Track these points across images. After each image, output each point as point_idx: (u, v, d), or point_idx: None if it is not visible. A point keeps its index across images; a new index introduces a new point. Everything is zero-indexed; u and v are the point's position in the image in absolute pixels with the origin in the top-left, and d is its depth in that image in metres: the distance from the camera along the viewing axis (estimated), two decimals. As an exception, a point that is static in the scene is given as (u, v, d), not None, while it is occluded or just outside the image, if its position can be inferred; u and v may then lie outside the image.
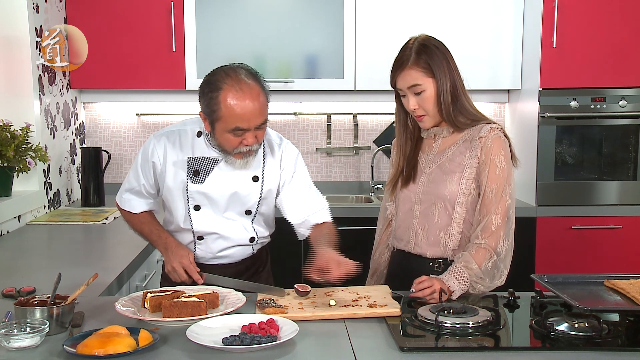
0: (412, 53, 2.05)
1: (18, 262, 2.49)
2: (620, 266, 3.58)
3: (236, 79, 1.97)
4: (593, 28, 3.56)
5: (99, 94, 3.95)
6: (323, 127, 4.15)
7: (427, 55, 2.04)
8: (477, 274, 1.96)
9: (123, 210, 2.28)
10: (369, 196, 4.05)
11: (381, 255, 2.32)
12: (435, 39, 2.10)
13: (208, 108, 2.00)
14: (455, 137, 2.12)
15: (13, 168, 3.00)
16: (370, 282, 2.34)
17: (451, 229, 2.07)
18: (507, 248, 2.02)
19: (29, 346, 1.55)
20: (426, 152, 2.17)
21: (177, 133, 2.17)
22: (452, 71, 2.06)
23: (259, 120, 1.99)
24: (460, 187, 2.05)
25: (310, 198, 2.23)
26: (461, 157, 2.07)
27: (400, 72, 2.07)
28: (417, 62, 2.04)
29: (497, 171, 2.02)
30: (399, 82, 2.09)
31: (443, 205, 2.08)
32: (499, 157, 2.02)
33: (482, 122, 2.09)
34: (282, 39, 3.77)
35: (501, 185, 2.01)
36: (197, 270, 2.08)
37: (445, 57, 2.06)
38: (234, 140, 2.01)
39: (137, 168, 2.21)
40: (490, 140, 2.03)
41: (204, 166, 2.13)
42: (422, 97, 2.06)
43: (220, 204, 2.17)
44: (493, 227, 1.99)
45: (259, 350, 1.53)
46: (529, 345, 1.70)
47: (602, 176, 3.70)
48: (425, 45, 2.06)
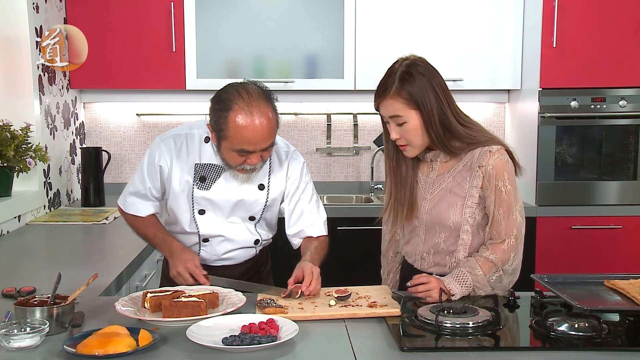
0: (395, 81, 1.94)
1: (18, 262, 2.49)
2: (620, 266, 3.58)
3: (248, 100, 1.93)
4: (593, 28, 3.56)
5: (99, 94, 3.95)
6: (323, 127, 4.15)
7: (411, 85, 1.92)
8: (480, 281, 1.96)
9: (127, 214, 2.26)
10: (369, 196, 4.05)
11: (395, 255, 2.29)
12: (423, 64, 1.97)
13: (216, 125, 1.98)
14: (453, 162, 2.04)
15: (13, 168, 3.00)
16: (387, 280, 2.31)
17: (457, 254, 2.05)
18: (516, 267, 2.01)
19: (29, 346, 1.54)
20: (425, 173, 2.09)
21: (184, 137, 2.15)
22: (439, 99, 1.94)
23: (266, 144, 1.98)
24: (464, 216, 2.01)
25: (310, 211, 2.24)
26: (462, 185, 2.01)
27: (382, 100, 1.97)
28: (399, 92, 1.93)
29: (502, 196, 1.97)
30: (381, 109, 2.01)
31: (448, 234, 2.05)
32: (502, 182, 1.97)
33: (480, 145, 1.99)
34: (282, 39, 3.77)
35: (509, 208, 1.98)
36: (203, 273, 2.05)
37: (431, 85, 1.94)
38: (238, 158, 2.00)
39: (142, 171, 2.18)
40: (491, 167, 1.97)
41: (210, 173, 2.13)
42: (404, 128, 1.97)
43: (225, 209, 2.17)
44: (505, 246, 1.98)
45: (259, 350, 1.53)
46: (529, 345, 1.70)
47: (602, 176, 3.70)
48: (409, 74, 1.93)
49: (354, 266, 3.35)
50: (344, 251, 3.41)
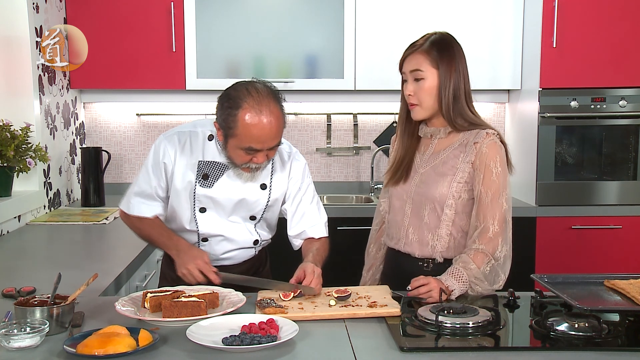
0: (427, 41, 2.08)
1: (18, 262, 2.49)
2: (620, 266, 3.58)
3: (258, 99, 1.95)
4: (593, 28, 3.56)
5: (99, 94, 3.95)
6: (323, 127, 4.15)
7: (440, 48, 2.06)
8: (475, 275, 1.95)
9: (130, 216, 2.20)
10: (369, 196, 4.05)
11: (377, 251, 2.33)
12: (456, 41, 2.11)
13: (225, 122, 1.98)
14: (451, 139, 2.11)
15: (13, 168, 3.00)
16: (366, 277, 2.35)
17: (439, 231, 2.07)
18: (506, 254, 2.01)
19: (29, 346, 1.54)
20: (422, 151, 2.16)
21: (188, 134, 2.15)
22: (459, 73, 2.06)
23: (274, 142, 2.00)
24: (451, 190, 2.04)
25: (311, 212, 2.24)
26: (455, 161, 2.06)
27: (409, 54, 2.09)
28: (428, 50, 2.06)
29: (492, 177, 2.00)
30: (404, 65, 2.11)
31: (432, 206, 2.07)
32: (494, 163, 2.01)
33: (479, 127, 2.08)
34: (282, 39, 3.77)
35: (497, 191, 2.00)
36: (213, 270, 2.03)
37: (456, 59, 2.07)
38: (244, 157, 2.01)
39: (147, 170, 2.16)
40: (486, 145, 2.02)
41: (213, 171, 2.13)
42: (420, 85, 2.06)
43: (226, 208, 2.16)
44: (490, 233, 1.98)
45: (259, 350, 1.53)
46: (529, 345, 1.70)
47: (602, 176, 3.70)
48: (443, 40, 2.08)
49: (354, 266, 3.33)
50: (344, 251, 3.40)
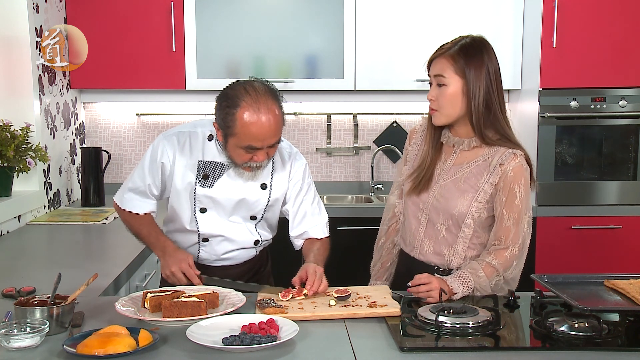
0: (456, 46, 2.01)
1: (18, 262, 2.49)
2: (620, 266, 3.57)
3: (255, 97, 1.95)
4: (593, 28, 3.56)
5: (99, 94, 3.95)
6: (323, 127, 4.15)
7: (467, 56, 1.98)
8: (481, 284, 1.96)
9: (123, 210, 2.24)
10: (369, 196, 4.04)
11: (391, 248, 2.29)
12: (488, 45, 2.03)
13: (223, 122, 1.99)
14: (475, 153, 2.05)
15: (13, 168, 3.00)
16: (373, 270, 2.32)
17: (456, 247, 2.06)
18: (515, 276, 2.02)
19: (29, 346, 1.54)
20: (443, 159, 2.10)
21: (188, 134, 2.15)
22: (489, 81, 1.99)
23: (273, 140, 2.00)
24: (471, 209, 2.01)
25: (312, 212, 2.24)
26: (477, 178, 2.02)
27: (436, 57, 2.04)
28: (453, 57, 1.99)
29: (516, 201, 1.97)
30: (431, 68, 2.06)
31: (450, 223, 2.05)
32: (518, 187, 1.97)
33: (507, 146, 2.01)
34: (282, 39, 3.77)
35: (519, 216, 1.98)
36: (197, 273, 2.05)
37: (487, 66, 1.99)
38: (245, 156, 2.01)
39: (143, 167, 2.17)
40: (512, 168, 1.97)
41: (213, 171, 2.13)
42: (442, 91, 2.01)
43: (226, 208, 2.17)
44: (508, 254, 1.98)
45: (259, 350, 1.53)
46: (529, 345, 1.70)
47: (602, 176, 3.70)
48: (472, 47, 2.00)
49: (354, 266, 3.34)
50: (344, 251, 3.40)
